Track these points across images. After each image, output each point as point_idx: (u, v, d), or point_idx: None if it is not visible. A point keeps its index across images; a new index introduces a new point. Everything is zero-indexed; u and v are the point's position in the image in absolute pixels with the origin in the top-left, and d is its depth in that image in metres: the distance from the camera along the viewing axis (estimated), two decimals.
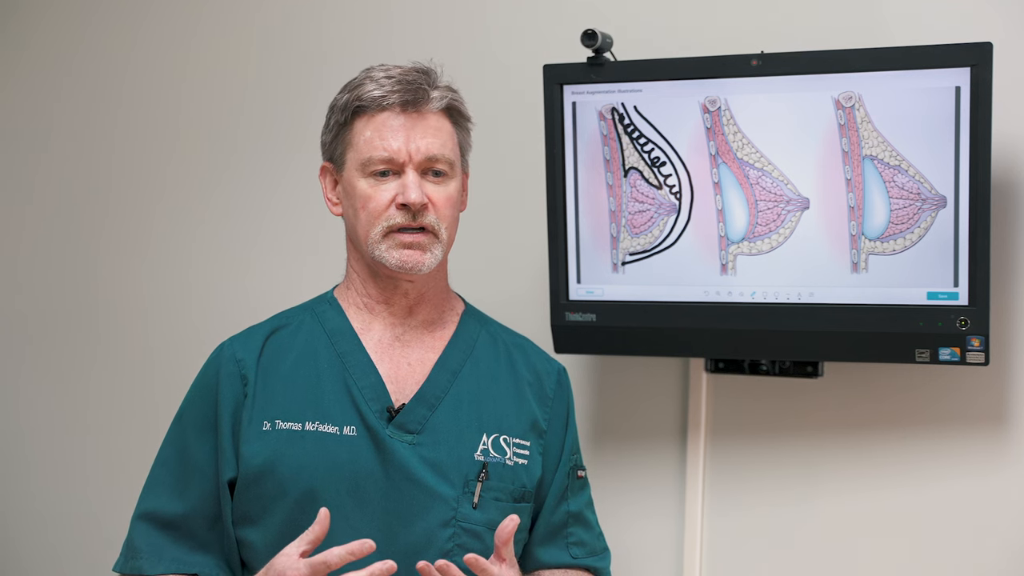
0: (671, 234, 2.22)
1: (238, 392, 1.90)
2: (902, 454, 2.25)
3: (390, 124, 1.87)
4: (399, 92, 1.87)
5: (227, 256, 2.80)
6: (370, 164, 1.87)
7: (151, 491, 1.94)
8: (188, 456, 1.91)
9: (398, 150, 1.86)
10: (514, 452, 1.92)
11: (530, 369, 2.00)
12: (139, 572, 1.90)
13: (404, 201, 1.85)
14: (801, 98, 2.11)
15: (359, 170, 1.88)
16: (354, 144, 1.89)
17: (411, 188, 1.85)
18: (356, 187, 1.88)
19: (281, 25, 2.75)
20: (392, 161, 1.86)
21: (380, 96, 1.87)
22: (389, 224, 1.86)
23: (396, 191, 1.86)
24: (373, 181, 1.87)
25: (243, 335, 1.97)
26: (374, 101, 1.87)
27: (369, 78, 1.90)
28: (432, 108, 1.89)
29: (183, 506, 1.90)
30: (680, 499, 2.39)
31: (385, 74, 1.89)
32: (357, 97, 1.88)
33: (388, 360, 1.92)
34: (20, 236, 3.01)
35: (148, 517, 1.92)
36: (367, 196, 1.87)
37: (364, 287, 1.95)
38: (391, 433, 1.87)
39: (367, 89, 1.88)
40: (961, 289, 2.06)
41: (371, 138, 1.87)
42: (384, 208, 1.87)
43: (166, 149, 2.86)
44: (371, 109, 1.88)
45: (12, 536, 3.01)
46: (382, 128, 1.87)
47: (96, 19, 2.93)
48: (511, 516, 1.76)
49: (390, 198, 1.87)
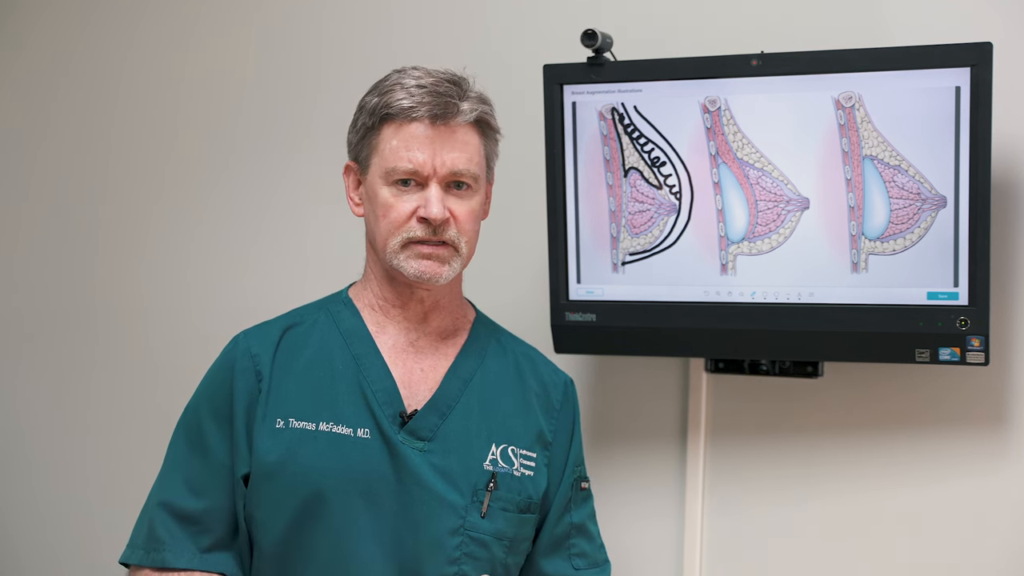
0: (671, 234, 2.22)
1: (252, 387, 1.89)
2: (902, 454, 2.25)
3: (417, 136, 1.85)
4: (428, 104, 1.84)
5: (226, 256, 2.79)
6: (394, 173, 1.85)
7: (168, 480, 1.91)
8: (206, 448, 1.89)
9: (423, 163, 1.84)
10: (521, 463, 1.92)
11: (537, 380, 2.00)
12: (163, 564, 1.86)
13: (426, 216, 1.84)
14: (801, 98, 2.11)
15: (383, 177, 1.87)
16: (380, 151, 1.87)
17: (433, 203, 1.84)
18: (378, 194, 1.87)
19: (281, 24, 2.75)
20: (417, 173, 1.85)
21: (409, 107, 1.84)
22: (409, 236, 1.85)
23: (418, 203, 1.85)
24: (395, 190, 1.86)
25: (258, 330, 1.96)
26: (403, 111, 1.85)
27: (400, 85, 1.87)
28: (461, 121, 1.87)
29: (203, 500, 1.88)
30: (680, 499, 2.39)
31: (416, 83, 1.86)
32: (386, 104, 1.86)
33: (401, 365, 1.92)
34: (18, 236, 3.01)
35: (167, 507, 1.88)
36: (389, 205, 1.86)
37: (380, 290, 1.94)
38: (403, 439, 1.87)
39: (397, 97, 1.86)
40: (961, 289, 2.06)
41: (397, 147, 1.85)
42: (405, 219, 1.85)
43: (165, 148, 2.86)
44: (399, 118, 1.85)
45: (11, 536, 3.01)
46: (409, 139, 1.85)
47: (94, 19, 2.93)
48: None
49: (411, 210, 1.85)
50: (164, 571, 1.87)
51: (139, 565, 1.88)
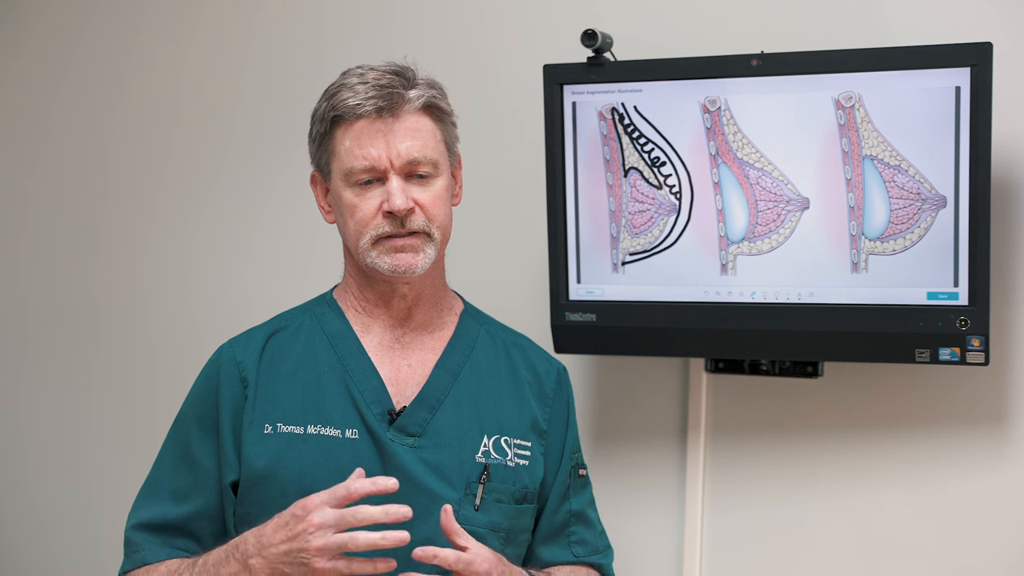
0: (671, 234, 2.22)
1: (238, 394, 1.90)
2: (902, 454, 2.25)
3: (367, 132, 1.85)
4: (374, 98, 1.84)
5: (227, 255, 2.79)
6: (352, 174, 1.85)
7: (148, 500, 1.92)
8: (191, 458, 1.91)
9: (378, 157, 1.84)
10: (515, 453, 1.92)
11: (529, 369, 2.00)
12: (144, 562, 1.88)
13: (390, 208, 1.83)
14: (801, 98, 2.11)
15: (343, 180, 1.87)
16: (336, 154, 1.87)
17: (395, 195, 1.84)
18: (342, 197, 1.87)
19: (280, 24, 2.75)
20: (374, 169, 1.85)
21: (356, 104, 1.84)
22: (378, 232, 1.85)
23: (381, 198, 1.85)
24: (358, 190, 1.86)
25: (243, 337, 1.97)
26: (350, 110, 1.85)
27: (344, 85, 1.87)
28: (409, 109, 1.86)
29: (186, 509, 1.89)
30: (680, 499, 2.39)
31: (359, 80, 1.86)
32: (333, 107, 1.86)
33: (388, 362, 1.92)
34: (19, 235, 3.01)
35: (144, 527, 1.90)
36: (353, 206, 1.86)
37: (361, 292, 1.94)
38: (392, 436, 1.87)
39: (343, 97, 1.86)
40: (961, 289, 2.06)
41: (351, 147, 1.85)
42: (371, 217, 1.85)
43: (165, 147, 2.86)
44: (348, 118, 1.85)
45: (11, 535, 3.01)
46: (360, 136, 1.85)
47: (94, 19, 2.93)
48: (444, 507, 1.76)
49: (376, 206, 1.85)
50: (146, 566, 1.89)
51: (124, 572, 1.91)
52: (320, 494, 1.71)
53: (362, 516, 1.68)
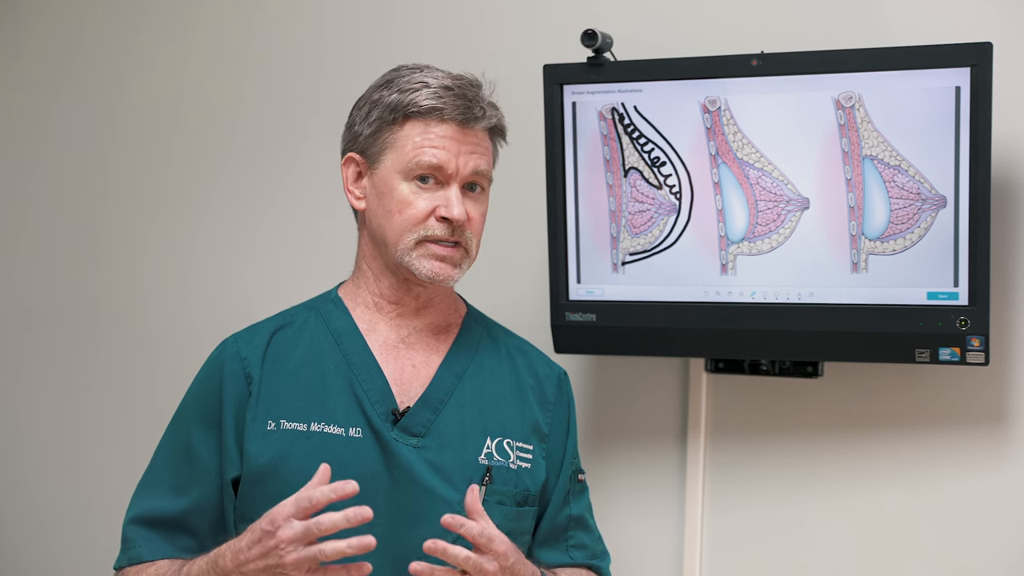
0: (671, 234, 2.22)
1: (242, 390, 1.90)
2: (902, 454, 2.25)
3: (444, 135, 1.87)
4: (459, 107, 1.87)
5: (228, 254, 2.79)
6: (416, 168, 1.86)
7: (147, 493, 1.92)
8: (191, 453, 1.90)
9: (447, 162, 1.86)
10: (517, 456, 1.92)
11: (531, 372, 2.00)
12: (138, 560, 1.88)
13: (447, 215, 1.85)
14: (801, 98, 2.11)
15: (401, 173, 1.87)
16: (399, 146, 1.88)
17: (455, 204, 1.86)
18: (395, 189, 1.88)
19: (281, 25, 2.75)
20: (440, 170, 1.86)
21: (439, 107, 1.86)
22: (426, 234, 1.86)
23: (437, 203, 1.86)
24: (415, 187, 1.87)
25: (247, 332, 1.96)
26: (432, 111, 1.86)
27: (425, 85, 1.88)
28: (484, 125, 1.90)
29: (184, 503, 1.89)
30: (680, 499, 2.39)
31: (441, 83, 1.88)
32: (413, 102, 1.87)
33: (393, 362, 1.92)
34: (21, 235, 3.01)
35: (141, 520, 1.90)
36: (406, 202, 1.87)
37: (377, 284, 1.94)
38: (396, 436, 1.87)
39: (423, 96, 1.87)
40: (961, 289, 2.06)
41: (421, 143, 1.86)
42: (423, 217, 1.86)
43: (166, 147, 2.86)
44: (427, 117, 1.87)
45: (11, 535, 3.01)
46: (435, 138, 1.87)
47: (95, 19, 2.93)
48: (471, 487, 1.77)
49: (430, 208, 1.86)
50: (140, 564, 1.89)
51: (119, 569, 1.91)
52: (286, 504, 1.70)
53: (326, 526, 1.67)
